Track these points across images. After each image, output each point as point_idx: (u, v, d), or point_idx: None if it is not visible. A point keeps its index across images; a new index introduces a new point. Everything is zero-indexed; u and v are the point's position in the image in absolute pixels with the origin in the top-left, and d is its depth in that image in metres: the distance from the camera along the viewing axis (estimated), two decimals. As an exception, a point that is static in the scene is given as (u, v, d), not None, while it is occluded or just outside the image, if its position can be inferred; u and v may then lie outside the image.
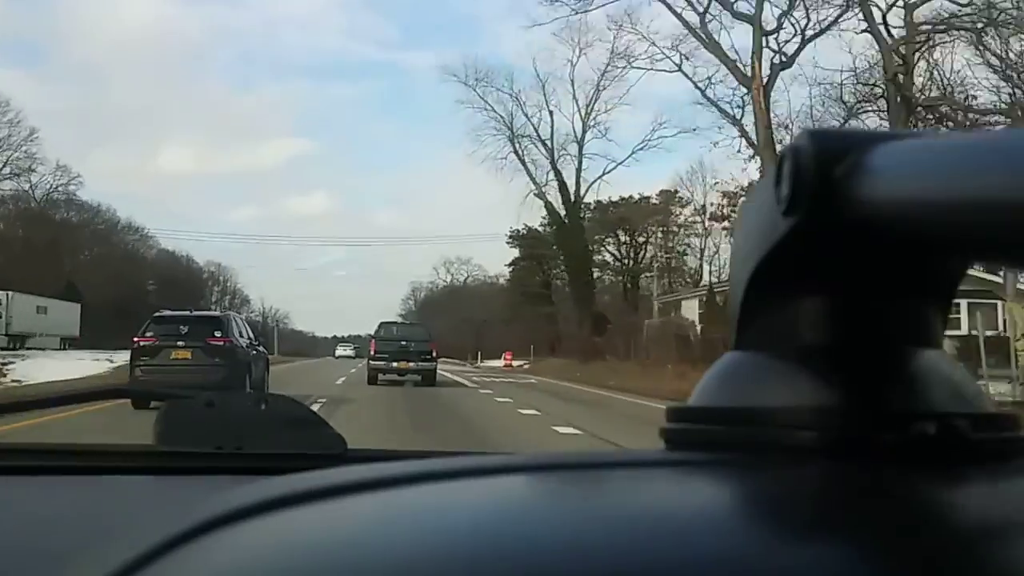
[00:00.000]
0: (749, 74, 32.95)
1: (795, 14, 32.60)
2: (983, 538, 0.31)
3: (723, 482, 0.38)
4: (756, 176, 32.59)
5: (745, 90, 33.45)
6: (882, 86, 31.53)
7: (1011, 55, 28.16)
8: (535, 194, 49.11)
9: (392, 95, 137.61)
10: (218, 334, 15.25)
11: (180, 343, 15.01)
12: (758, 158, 32.30)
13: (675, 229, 58.14)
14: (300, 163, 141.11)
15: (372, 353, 23.70)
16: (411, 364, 22.93)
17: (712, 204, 53.93)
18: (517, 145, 49.02)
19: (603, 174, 49.70)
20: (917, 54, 30.76)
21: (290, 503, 0.35)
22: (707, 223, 55.53)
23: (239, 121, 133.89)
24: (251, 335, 17.03)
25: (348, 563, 0.31)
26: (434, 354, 23.55)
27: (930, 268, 0.41)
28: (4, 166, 54.90)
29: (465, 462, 0.39)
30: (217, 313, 17.78)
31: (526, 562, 0.29)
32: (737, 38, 65.82)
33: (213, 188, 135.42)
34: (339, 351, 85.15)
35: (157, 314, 16.15)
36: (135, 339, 15.36)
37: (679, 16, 34.59)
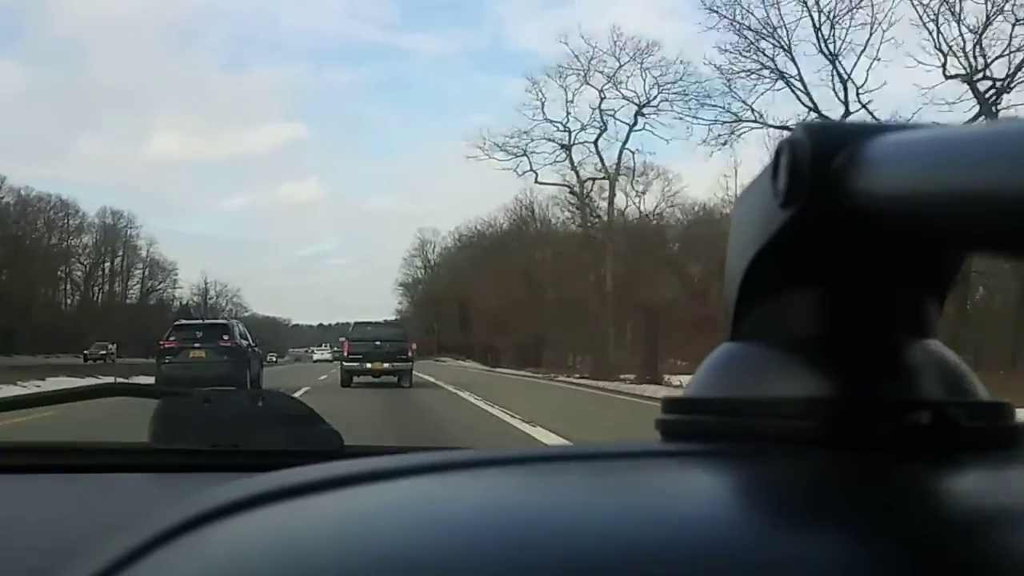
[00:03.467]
0: None
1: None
2: (978, 526, 0.31)
3: (719, 472, 0.38)
4: None
5: None
6: None
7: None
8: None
9: (392, 78, 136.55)
10: (225, 337, 19.63)
11: (196, 345, 19.37)
12: None
13: None
14: (294, 148, 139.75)
15: (346, 354, 23.35)
16: (386, 365, 22.56)
17: None
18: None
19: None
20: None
21: (282, 497, 0.35)
22: None
23: (231, 103, 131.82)
24: (249, 338, 21.35)
25: (341, 555, 0.30)
26: (410, 354, 23.27)
27: (927, 259, 0.41)
28: None
29: (460, 455, 0.39)
30: (224, 321, 21.95)
31: (521, 552, 0.29)
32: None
33: (202, 173, 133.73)
34: (316, 355, 79.78)
35: (177, 323, 21.32)
36: (160, 342, 20.08)
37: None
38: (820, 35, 30.95)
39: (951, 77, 28.87)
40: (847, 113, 29.94)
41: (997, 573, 0.29)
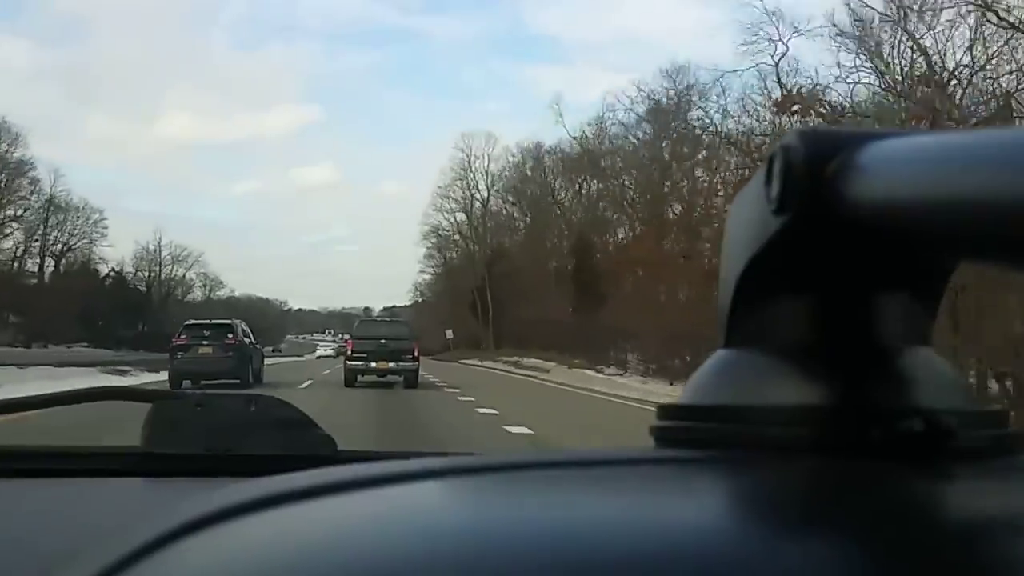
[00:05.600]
0: None
1: None
2: (970, 534, 0.32)
3: (712, 479, 0.38)
4: None
5: None
6: None
7: None
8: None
9: (408, 61, 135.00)
10: (230, 336, 22.36)
11: (204, 342, 22.19)
12: None
13: None
14: (306, 132, 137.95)
15: (350, 352, 23.03)
16: (391, 364, 22.18)
17: None
18: None
19: None
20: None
21: (277, 502, 0.35)
22: None
23: (243, 83, 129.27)
24: (251, 336, 24.03)
25: (335, 561, 0.30)
26: (415, 353, 22.82)
27: (920, 266, 0.41)
28: None
29: (455, 461, 0.39)
30: (229, 321, 24.17)
31: (514, 560, 0.29)
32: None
33: (210, 155, 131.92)
34: (319, 351, 72.37)
35: (187, 322, 23.98)
36: (173, 339, 23.00)
37: None
38: None
39: None
40: None
41: None
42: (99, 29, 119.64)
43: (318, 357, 60.45)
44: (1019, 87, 21.47)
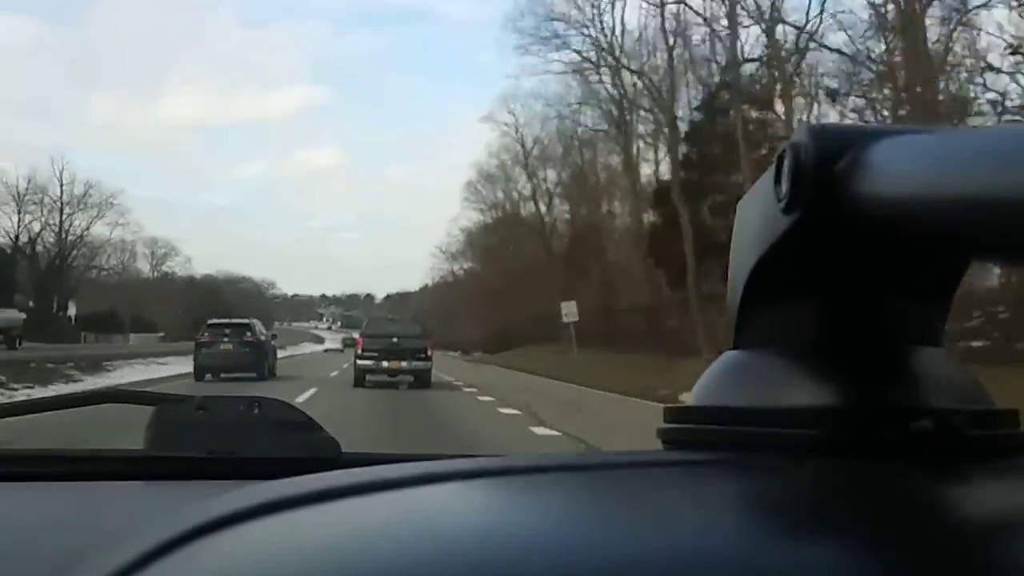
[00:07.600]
0: None
1: None
2: (982, 534, 0.31)
3: (722, 482, 0.38)
4: None
5: None
6: None
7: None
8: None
9: (421, 45, 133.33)
10: (248, 334, 24.74)
11: (225, 340, 24.58)
12: None
13: None
14: (310, 115, 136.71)
15: (360, 351, 22.30)
16: (403, 364, 21.53)
17: None
18: None
19: None
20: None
21: (284, 507, 0.35)
22: None
23: (248, 62, 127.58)
24: (267, 333, 26.69)
25: (342, 566, 0.30)
26: (428, 352, 22.16)
27: (931, 265, 0.41)
28: None
29: (461, 464, 0.39)
30: (248, 321, 26.50)
31: (522, 564, 0.29)
32: None
33: (211, 137, 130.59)
34: (328, 343, 71.42)
35: (210, 322, 26.24)
36: (198, 338, 25.44)
37: None
38: None
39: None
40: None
41: None
42: (100, 5, 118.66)
43: (325, 351, 54.90)
44: None
